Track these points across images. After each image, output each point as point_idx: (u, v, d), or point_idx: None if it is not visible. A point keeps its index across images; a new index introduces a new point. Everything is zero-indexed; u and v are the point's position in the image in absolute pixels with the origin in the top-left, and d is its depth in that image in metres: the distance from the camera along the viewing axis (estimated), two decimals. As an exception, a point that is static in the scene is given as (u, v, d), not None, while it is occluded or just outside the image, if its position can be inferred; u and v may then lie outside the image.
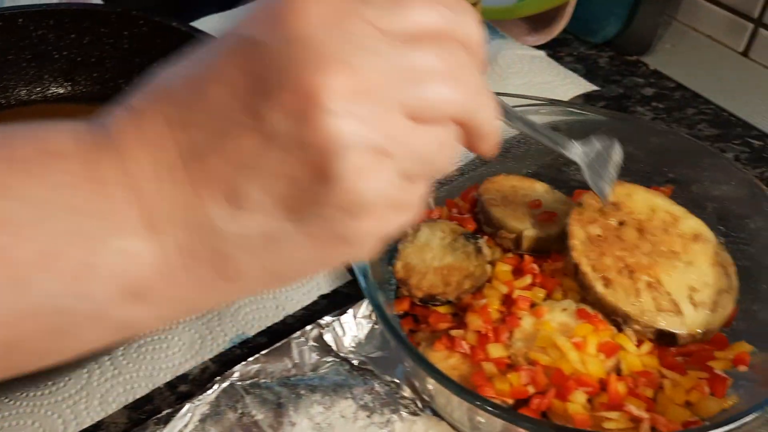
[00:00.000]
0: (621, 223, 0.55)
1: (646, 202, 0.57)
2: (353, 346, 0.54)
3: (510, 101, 0.62)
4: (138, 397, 0.51)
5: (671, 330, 0.49)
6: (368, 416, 0.50)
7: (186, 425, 0.49)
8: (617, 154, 0.52)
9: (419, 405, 0.51)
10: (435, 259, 0.55)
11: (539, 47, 0.86)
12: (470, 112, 0.30)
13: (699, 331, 0.50)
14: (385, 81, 0.27)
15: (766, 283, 0.54)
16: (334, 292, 0.59)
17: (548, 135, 0.47)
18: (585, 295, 0.52)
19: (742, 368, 0.50)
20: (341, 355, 0.54)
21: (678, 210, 0.56)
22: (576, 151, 0.49)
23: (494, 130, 0.32)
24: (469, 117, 0.30)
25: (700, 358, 0.50)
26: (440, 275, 0.54)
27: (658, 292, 0.51)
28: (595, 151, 0.51)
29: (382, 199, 0.28)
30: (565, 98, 0.79)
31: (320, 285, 0.59)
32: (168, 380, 0.52)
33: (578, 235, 0.54)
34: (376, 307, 0.47)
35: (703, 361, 0.50)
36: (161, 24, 0.70)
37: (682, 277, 0.52)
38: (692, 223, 0.56)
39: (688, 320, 0.50)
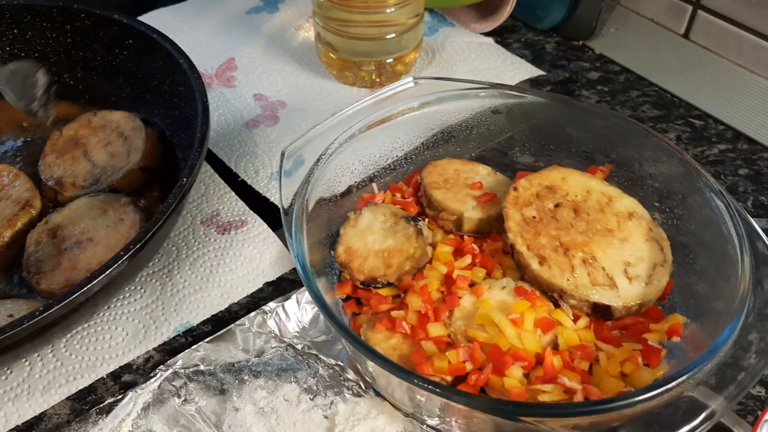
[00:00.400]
0: (557, 205, 0.56)
1: (581, 185, 0.58)
2: (297, 331, 0.54)
3: (453, 85, 0.63)
4: (80, 387, 0.51)
5: (606, 303, 0.51)
6: (311, 399, 0.51)
7: (129, 414, 0.49)
8: (42, 76, 0.52)
9: (362, 386, 0.51)
10: (376, 242, 0.55)
11: (487, 34, 0.87)
12: None
13: (634, 303, 0.51)
14: None
15: (703, 257, 0.55)
16: (279, 279, 0.59)
17: None
18: (522, 273, 0.53)
19: (676, 339, 0.51)
20: (285, 340, 0.54)
21: (613, 190, 0.58)
22: None
23: None
24: None
25: (636, 330, 0.52)
26: (381, 258, 0.54)
27: (592, 267, 0.52)
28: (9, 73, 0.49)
29: None
30: (512, 83, 0.80)
31: (265, 272, 0.59)
32: (111, 370, 0.52)
33: (514, 217, 0.55)
34: (314, 295, 0.47)
35: (639, 334, 0.51)
36: (103, 17, 0.70)
37: (617, 253, 0.53)
38: (627, 202, 0.57)
39: (623, 293, 0.51)
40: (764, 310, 0.47)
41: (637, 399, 0.40)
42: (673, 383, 0.41)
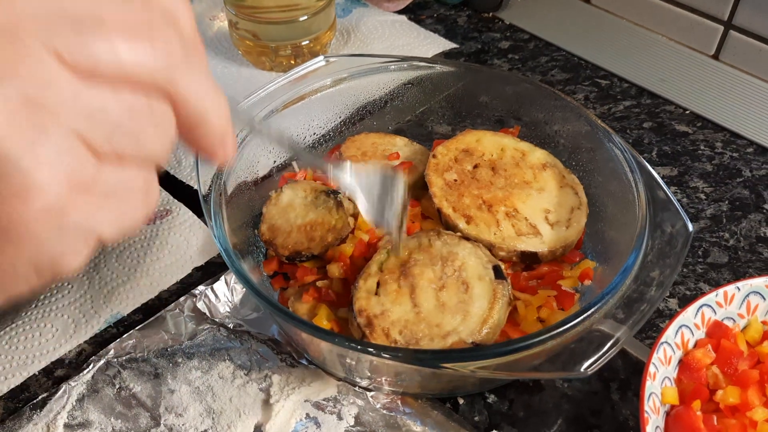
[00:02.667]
0: (475, 166, 0.59)
1: (495, 144, 0.60)
2: (228, 311, 0.55)
3: (365, 61, 0.64)
4: (12, 386, 0.51)
5: (532, 250, 0.53)
6: (246, 374, 0.52)
7: (63, 406, 0.49)
8: (400, 186, 0.46)
9: (295, 357, 0.53)
10: (298, 217, 0.57)
11: (400, 12, 0.89)
12: (172, 81, 0.23)
13: (559, 247, 0.54)
14: (31, 20, 0.21)
15: (611, 206, 0.58)
16: (208, 263, 0.60)
17: (309, 157, 0.43)
18: (451, 233, 0.55)
19: (587, 282, 0.54)
20: (216, 320, 0.55)
21: (525, 145, 0.60)
22: (340, 176, 0.45)
23: (216, 116, 0.25)
24: (173, 88, 0.23)
25: (551, 278, 0.55)
26: (304, 232, 0.56)
27: (516, 219, 0.55)
28: (370, 180, 0.45)
29: (61, 174, 0.21)
30: (426, 57, 0.82)
31: (194, 258, 0.60)
32: (43, 366, 0.52)
33: (436, 182, 0.57)
34: (239, 275, 0.47)
35: (553, 281, 0.54)
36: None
37: (536, 202, 0.56)
38: (539, 154, 0.60)
39: (547, 239, 0.54)
40: (665, 249, 0.50)
41: (544, 337, 0.43)
42: (577, 319, 0.44)
